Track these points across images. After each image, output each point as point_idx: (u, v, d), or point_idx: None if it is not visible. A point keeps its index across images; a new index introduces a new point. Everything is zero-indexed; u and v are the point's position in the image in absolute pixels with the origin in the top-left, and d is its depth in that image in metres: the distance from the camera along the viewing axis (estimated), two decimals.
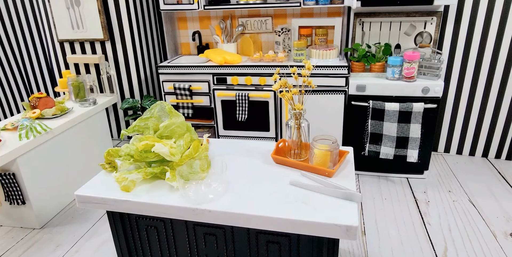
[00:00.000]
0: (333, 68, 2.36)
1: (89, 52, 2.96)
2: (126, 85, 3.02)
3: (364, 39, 2.56)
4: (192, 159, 1.16)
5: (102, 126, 2.68)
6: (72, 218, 2.16)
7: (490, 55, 2.43)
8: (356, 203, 1.02)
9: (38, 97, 2.23)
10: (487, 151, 2.69)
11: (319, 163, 1.19)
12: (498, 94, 2.50)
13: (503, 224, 1.95)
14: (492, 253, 1.74)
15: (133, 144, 1.19)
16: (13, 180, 1.92)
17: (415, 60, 2.17)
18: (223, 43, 2.83)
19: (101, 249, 1.87)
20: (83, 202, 1.13)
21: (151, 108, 1.27)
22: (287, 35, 2.77)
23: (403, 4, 2.22)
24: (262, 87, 2.54)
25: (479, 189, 2.29)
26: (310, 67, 1.17)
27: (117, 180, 1.11)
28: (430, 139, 2.29)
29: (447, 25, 2.45)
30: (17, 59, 3.46)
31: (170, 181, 1.10)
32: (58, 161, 2.20)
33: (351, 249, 1.81)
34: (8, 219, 2.09)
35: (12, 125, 2.07)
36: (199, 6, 2.65)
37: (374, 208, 2.14)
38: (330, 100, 2.42)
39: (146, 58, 3.06)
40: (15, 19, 3.27)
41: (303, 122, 1.25)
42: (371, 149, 2.34)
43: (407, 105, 2.17)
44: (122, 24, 2.82)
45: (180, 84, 2.62)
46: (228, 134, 2.75)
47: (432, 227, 1.95)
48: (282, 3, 2.55)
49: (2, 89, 3.65)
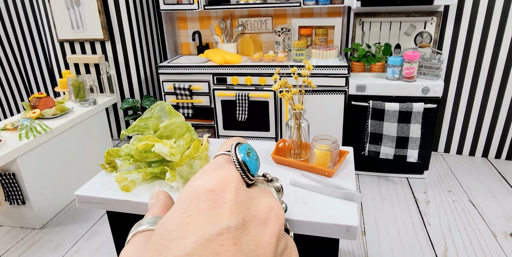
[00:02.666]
0: (333, 68, 2.36)
1: (89, 52, 2.96)
2: (126, 85, 3.02)
3: (364, 39, 2.56)
4: (192, 159, 1.16)
5: (102, 126, 2.68)
6: (72, 218, 2.16)
7: (490, 55, 2.43)
8: (356, 203, 1.02)
9: (38, 97, 2.23)
10: (487, 151, 2.69)
11: (319, 163, 1.19)
12: (498, 94, 2.50)
13: (503, 224, 1.95)
14: (492, 253, 1.74)
15: (133, 144, 1.19)
16: (13, 180, 1.92)
17: (415, 60, 2.17)
18: (223, 43, 2.83)
19: (101, 249, 1.87)
20: (83, 202, 1.13)
21: (151, 108, 1.27)
22: (287, 35, 2.77)
23: (403, 4, 2.22)
24: (262, 87, 2.54)
25: (479, 189, 2.29)
26: (310, 67, 1.17)
27: (117, 180, 1.11)
28: (430, 139, 2.29)
29: (447, 25, 2.45)
30: (17, 59, 3.46)
31: (170, 181, 1.10)
32: (58, 161, 2.20)
33: (351, 249, 1.81)
34: (8, 219, 2.09)
35: (12, 125, 2.07)
36: (199, 6, 2.65)
37: (374, 208, 2.14)
38: (330, 100, 2.42)
39: (146, 58, 3.06)
40: (15, 19, 3.27)
41: (303, 122, 1.24)
42: (371, 149, 2.34)
43: (407, 105, 2.17)
44: (122, 24, 2.82)
45: (180, 84, 2.62)
46: (228, 134, 2.75)
47: (432, 227, 1.95)
48: (282, 3, 2.55)
49: (2, 89, 3.65)
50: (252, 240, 0.23)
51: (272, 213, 0.26)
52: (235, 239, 0.22)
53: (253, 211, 0.25)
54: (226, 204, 0.24)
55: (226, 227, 0.22)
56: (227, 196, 0.25)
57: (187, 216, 0.23)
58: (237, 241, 0.22)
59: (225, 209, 0.24)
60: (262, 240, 0.23)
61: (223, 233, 0.22)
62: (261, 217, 0.25)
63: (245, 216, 0.24)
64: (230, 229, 0.22)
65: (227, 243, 0.22)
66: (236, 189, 0.26)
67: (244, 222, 0.24)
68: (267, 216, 0.26)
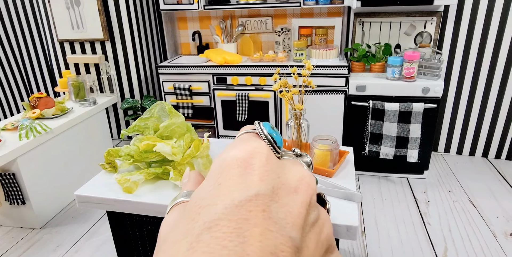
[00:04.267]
0: (333, 68, 2.36)
1: (89, 52, 2.96)
2: (126, 85, 3.02)
3: (364, 39, 2.56)
4: (194, 158, 1.16)
5: (102, 126, 2.68)
6: (72, 218, 2.16)
7: (490, 55, 2.43)
8: (356, 203, 1.02)
9: (38, 97, 2.23)
10: (487, 151, 2.69)
11: (319, 163, 1.19)
12: (498, 94, 2.50)
13: (503, 224, 1.95)
14: (492, 253, 1.74)
15: (134, 144, 1.19)
16: (13, 180, 1.92)
17: (415, 60, 2.17)
18: (223, 43, 2.83)
19: (101, 249, 1.87)
20: (83, 202, 1.13)
21: (151, 108, 1.27)
22: (287, 35, 2.77)
23: (403, 4, 2.22)
24: (262, 87, 2.54)
25: (479, 189, 2.29)
26: (310, 67, 1.17)
27: (118, 181, 1.10)
28: (430, 139, 2.29)
29: (447, 25, 2.45)
30: (17, 59, 3.46)
31: (174, 180, 1.09)
32: (58, 161, 2.20)
33: (351, 249, 1.81)
34: (8, 219, 2.09)
35: (12, 125, 2.07)
36: (199, 6, 2.65)
37: (374, 208, 2.14)
38: (330, 100, 2.42)
39: (146, 58, 3.06)
40: (15, 19, 3.27)
41: (303, 122, 1.24)
42: (371, 149, 2.34)
43: (407, 105, 2.17)
44: (122, 24, 2.82)
45: (180, 84, 2.62)
46: (228, 134, 2.75)
47: (432, 227, 1.95)
48: (282, 3, 2.55)
49: (2, 89, 3.65)
50: (282, 208, 0.23)
51: (303, 182, 0.26)
52: (264, 205, 0.22)
53: (283, 179, 0.25)
54: (255, 171, 0.24)
55: (255, 194, 0.22)
56: (257, 163, 0.25)
57: (218, 184, 0.24)
58: (266, 208, 0.22)
59: (254, 176, 0.24)
60: (292, 208, 0.23)
61: (252, 199, 0.22)
62: (292, 186, 0.25)
63: (275, 183, 0.24)
64: (259, 196, 0.22)
65: (256, 210, 0.22)
66: (266, 156, 0.26)
67: (274, 189, 0.23)
68: (297, 185, 0.25)
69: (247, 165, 0.25)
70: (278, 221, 0.22)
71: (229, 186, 0.23)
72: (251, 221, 0.21)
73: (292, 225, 0.22)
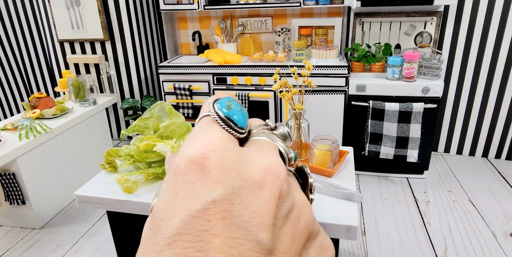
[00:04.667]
0: (333, 68, 2.36)
1: (89, 52, 2.96)
2: (126, 85, 3.02)
3: (364, 39, 2.56)
4: None
5: (102, 126, 2.68)
6: (72, 218, 2.16)
7: (490, 55, 2.43)
8: (356, 203, 1.02)
9: (38, 97, 2.23)
10: (487, 151, 2.69)
11: (319, 163, 1.19)
12: (498, 94, 2.50)
13: (503, 224, 1.95)
14: (492, 253, 1.74)
15: (134, 144, 1.19)
16: (13, 180, 1.92)
17: (415, 60, 2.17)
18: (223, 43, 2.83)
19: (101, 249, 1.87)
20: (83, 202, 1.13)
21: (151, 108, 1.27)
22: (287, 35, 2.77)
23: (403, 4, 2.22)
24: (262, 87, 2.54)
25: (479, 189, 2.29)
26: (310, 67, 1.17)
27: (119, 181, 1.10)
28: (430, 139, 2.29)
29: (447, 25, 2.45)
30: (17, 59, 3.46)
31: None
32: (58, 161, 2.20)
33: (351, 249, 1.81)
34: (8, 219, 2.09)
35: (12, 126, 2.07)
36: (199, 6, 2.65)
37: (374, 208, 2.14)
38: (330, 100, 2.42)
39: (146, 58, 3.06)
40: (15, 19, 3.27)
41: (303, 122, 1.24)
42: (371, 149, 2.34)
43: (407, 105, 2.17)
44: (122, 24, 2.82)
45: (180, 84, 2.62)
46: None
47: (432, 227, 1.95)
48: (282, 3, 2.55)
49: (2, 89, 3.65)
50: (246, 209, 0.21)
51: (269, 174, 0.23)
52: (223, 212, 0.20)
53: (245, 175, 0.22)
54: (211, 172, 0.22)
55: (213, 200, 0.20)
56: (212, 163, 0.22)
57: (174, 193, 0.22)
58: (227, 214, 0.20)
59: (210, 179, 0.21)
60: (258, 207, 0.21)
61: (209, 207, 0.20)
62: (256, 181, 0.22)
63: (235, 183, 0.22)
64: (217, 201, 0.20)
65: (215, 218, 0.20)
66: (221, 152, 0.23)
67: (234, 191, 0.21)
68: (262, 178, 0.22)
69: (202, 167, 0.22)
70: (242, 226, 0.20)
71: (185, 195, 0.21)
72: (212, 231, 0.19)
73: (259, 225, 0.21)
